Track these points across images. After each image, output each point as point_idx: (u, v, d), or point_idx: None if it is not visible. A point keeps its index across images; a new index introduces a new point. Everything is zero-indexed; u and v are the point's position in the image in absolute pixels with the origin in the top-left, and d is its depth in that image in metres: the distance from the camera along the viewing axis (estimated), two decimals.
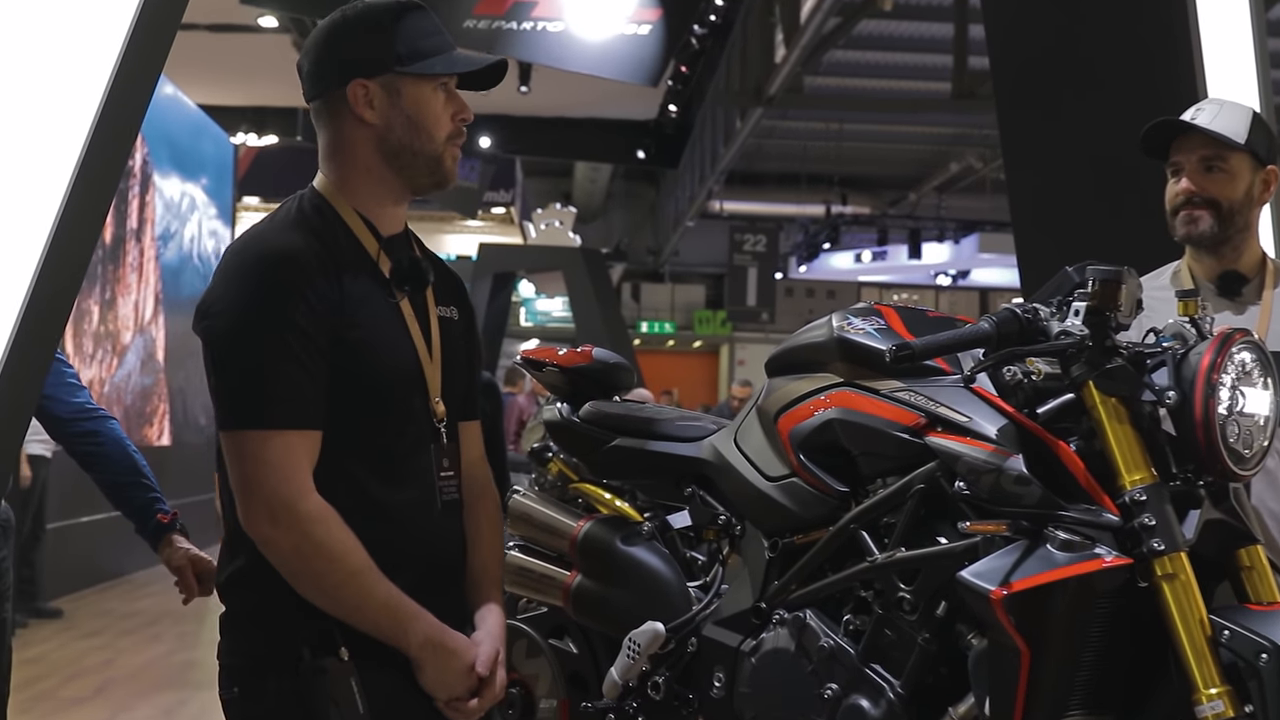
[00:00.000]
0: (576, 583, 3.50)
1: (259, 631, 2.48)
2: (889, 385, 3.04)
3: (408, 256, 2.60)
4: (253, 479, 2.40)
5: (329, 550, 2.39)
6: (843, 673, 2.97)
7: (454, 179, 2.63)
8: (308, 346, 2.41)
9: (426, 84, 2.55)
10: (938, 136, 25.72)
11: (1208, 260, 3.52)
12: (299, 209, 2.57)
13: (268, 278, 2.43)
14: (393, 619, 2.43)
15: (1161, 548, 2.66)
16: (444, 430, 2.60)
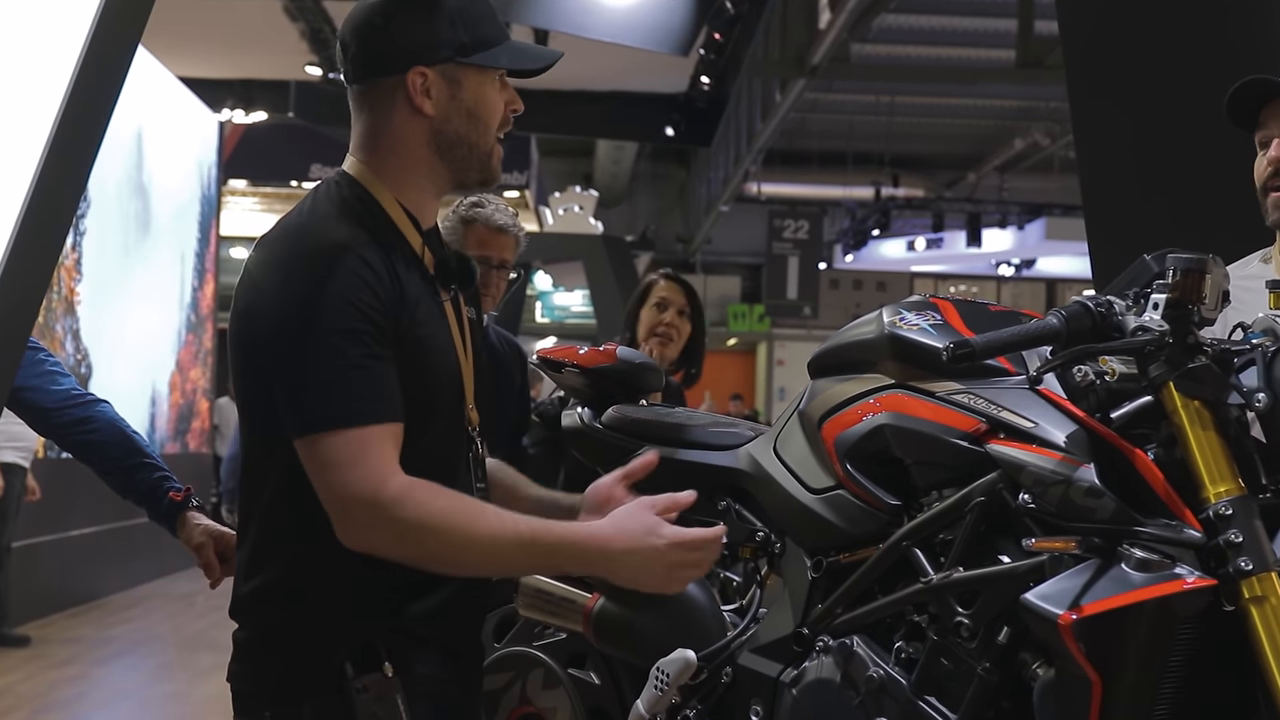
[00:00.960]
0: (599, 606, 3.50)
1: (291, 650, 2.52)
2: (946, 387, 3.04)
3: (454, 254, 2.66)
4: (346, 484, 2.40)
5: (430, 523, 2.40)
6: (894, 706, 2.97)
7: (499, 177, 2.69)
8: (378, 340, 2.44)
9: (488, 75, 2.61)
10: (1000, 110, 25.68)
11: None
12: (340, 198, 2.59)
13: (332, 270, 2.44)
14: (563, 544, 2.50)
15: (1250, 567, 2.64)
16: (477, 439, 2.67)
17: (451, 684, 2.59)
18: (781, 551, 3.35)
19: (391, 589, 2.51)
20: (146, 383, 15.73)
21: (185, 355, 17.14)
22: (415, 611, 2.54)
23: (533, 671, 3.68)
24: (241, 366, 2.51)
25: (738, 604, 3.42)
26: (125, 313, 14.93)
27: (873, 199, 29.67)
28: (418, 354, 2.50)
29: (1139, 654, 2.65)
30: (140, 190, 15.34)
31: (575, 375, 3.78)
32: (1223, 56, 4.66)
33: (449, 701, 2.57)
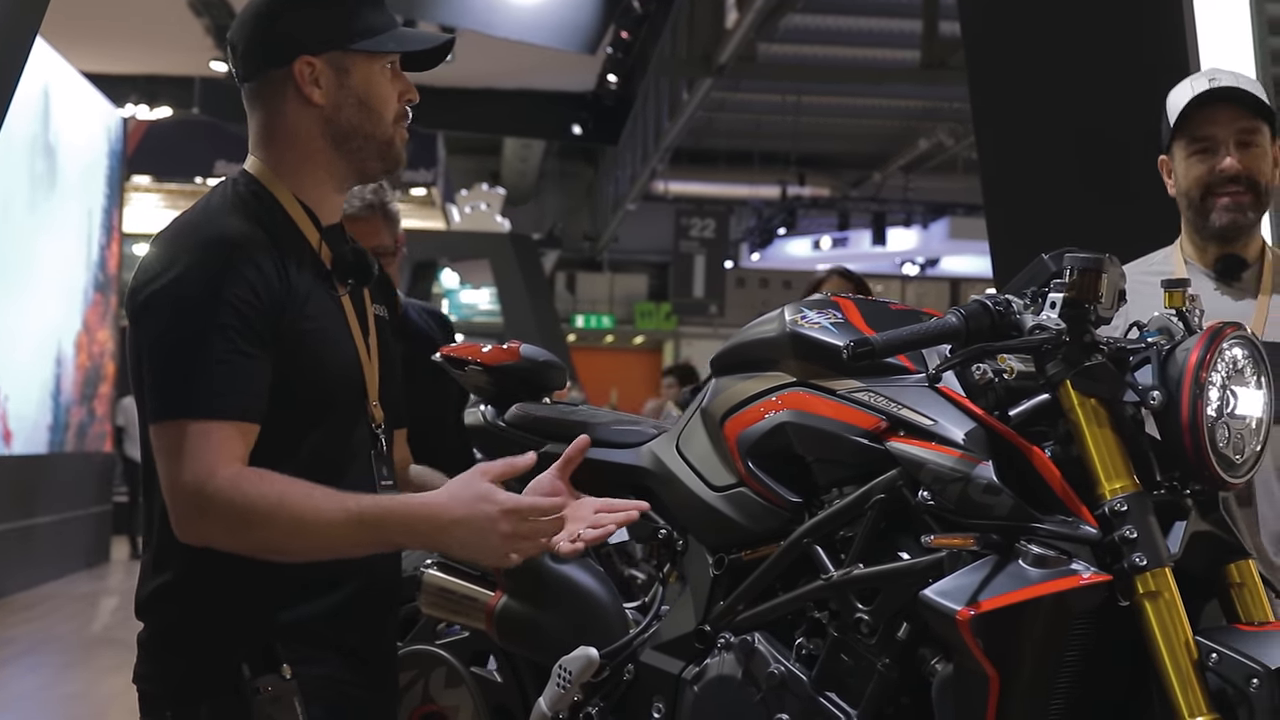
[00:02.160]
0: (501, 604, 3.50)
1: (191, 650, 2.50)
2: (847, 385, 3.05)
3: (351, 248, 2.64)
4: (180, 472, 2.39)
5: (256, 510, 2.38)
6: (794, 702, 2.97)
7: (403, 163, 2.68)
8: (249, 336, 2.44)
9: (376, 62, 2.60)
10: (905, 110, 25.83)
11: (1215, 246, 3.55)
12: (235, 195, 2.59)
13: (208, 263, 2.45)
14: (386, 518, 2.43)
15: (1144, 563, 2.67)
16: (382, 437, 2.65)
17: (355, 685, 2.57)
18: (684, 549, 3.35)
19: (290, 589, 2.50)
20: (51, 343, 15.47)
21: (93, 316, 16.81)
22: (314, 611, 2.53)
23: (435, 670, 3.67)
24: (132, 362, 2.50)
25: (640, 601, 3.42)
26: (28, 271, 14.66)
27: (779, 198, 29.76)
28: (306, 349, 2.49)
29: (1035, 649, 2.68)
30: (47, 149, 15.11)
31: (478, 373, 3.76)
32: (1126, 61, 4.71)
33: (352, 703, 2.55)
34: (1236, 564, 2.86)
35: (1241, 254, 3.54)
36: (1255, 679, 2.58)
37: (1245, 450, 2.82)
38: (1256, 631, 2.73)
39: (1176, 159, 3.56)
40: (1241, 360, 2.83)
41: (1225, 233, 3.53)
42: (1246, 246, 3.56)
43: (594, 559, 3.50)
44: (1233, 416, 2.80)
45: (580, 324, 35.34)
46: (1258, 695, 2.58)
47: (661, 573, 3.41)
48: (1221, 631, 2.73)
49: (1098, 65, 4.85)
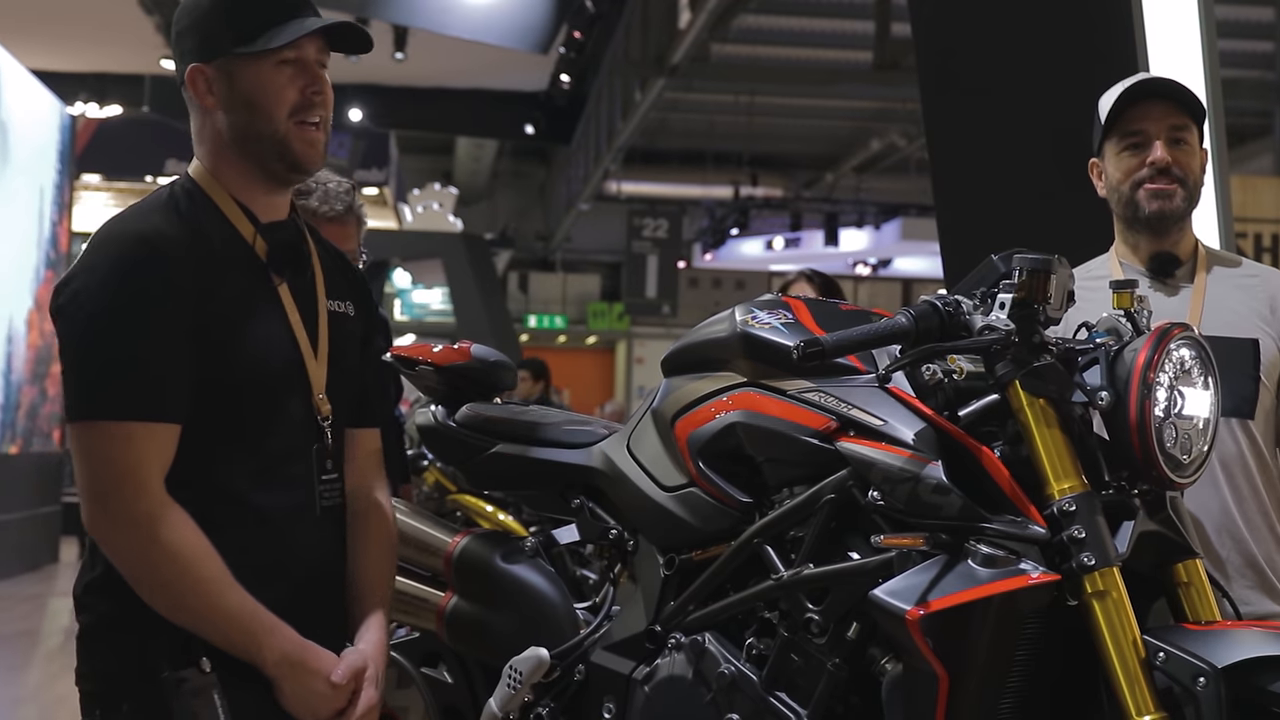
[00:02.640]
0: (452, 605, 3.50)
1: (115, 646, 2.51)
2: (797, 385, 3.05)
3: (287, 241, 2.64)
4: (97, 475, 2.43)
5: (176, 555, 2.42)
6: (745, 702, 2.98)
7: (311, 162, 2.65)
8: (166, 334, 2.45)
9: (265, 61, 2.58)
10: (858, 111, 25.86)
11: (1147, 243, 3.57)
12: (170, 194, 2.61)
13: (127, 260, 2.47)
14: (245, 632, 2.45)
15: (1092, 562, 2.69)
16: (329, 430, 2.64)
17: None
18: (634, 549, 3.35)
19: None
20: (2, 320, 15.33)
21: (44, 293, 16.63)
22: None
23: (386, 671, 3.66)
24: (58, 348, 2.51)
25: (591, 602, 3.43)
26: None
27: (732, 198, 29.77)
28: (228, 345, 2.49)
29: (985, 648, 2.69)
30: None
31: (429, 373, 3.75)
32: (1076, 63, 4.72)
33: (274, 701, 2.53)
34: (1184, 563, 2.88)
35: (1173, 251, 3.56)
36: (1202, 678, 2.60)
37: (1192, 450, 2.84)
38: (1203, 630, 2.75)
39: (1108, 157, 3.58)
40: (1189, 360, 2.85)
41: (1153, 221, 3.54)
42: (1178, 243, 3.58)
43: (545, 559, 3.50)
44: (1180, 417, 2.81)
45: (533, 324, 35.30)
46: (1204, 694, 2.59)
47: (612, 573, 3.41)
48: (1169, 630, 2.74)
49: (1048, 67, 4.86)
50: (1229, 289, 3.55)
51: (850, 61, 21.55)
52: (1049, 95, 4.40)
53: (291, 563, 2.55)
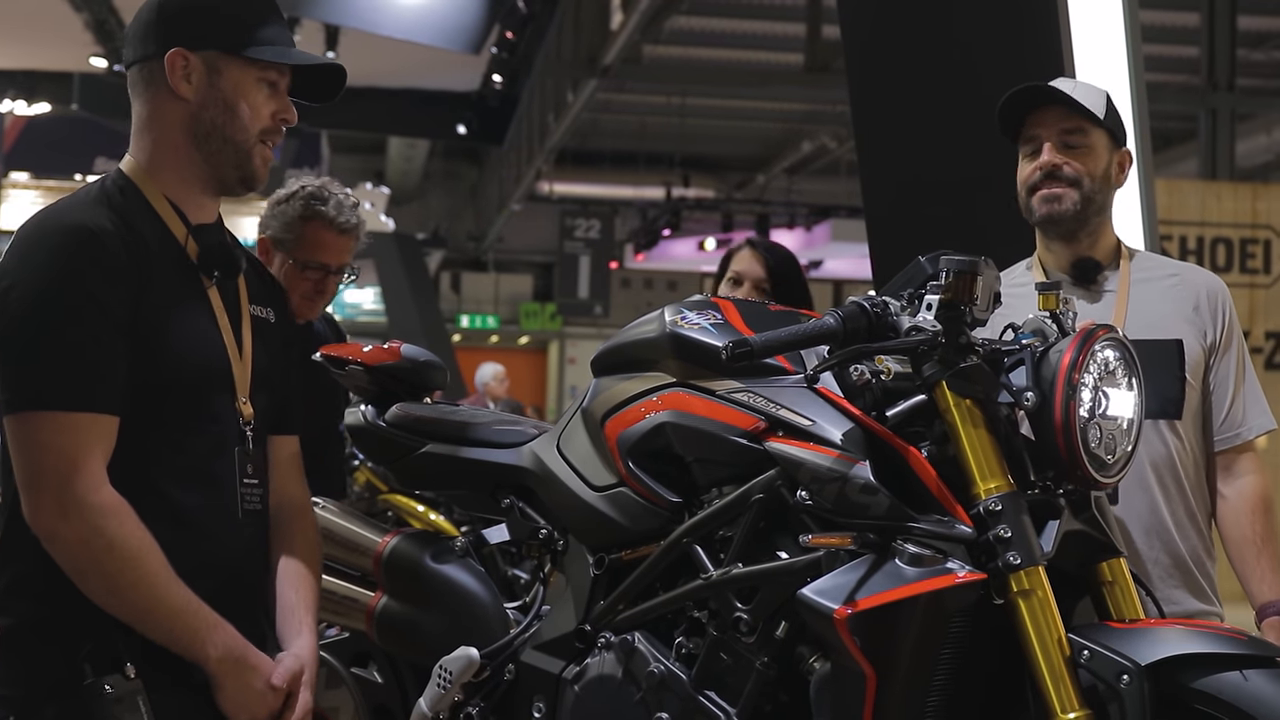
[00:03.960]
0: (381, 604, 3.49)
1: (37, 651, 2.47)
2: (725, 386, 3.06)
3: (218, 242, 2.63)
4: (40, 466, 2.41)
5: (122, 548, 2.40)
6: (674, 701, 2.98)
7: (261, 180, 2.66)
8: (104, 325, 2.44)
9: (251, 71, 2.59)
10: (789, 113, 25.90)
11: (1061, 247, 3.59)
12: (101, 189, 2.59)
13: (62, 252, 2.45)
14: (189, 628, 2.44)
15: (1018, 561, 2.71)
16: (250, 434, 2.62)
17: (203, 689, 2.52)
18: (564, 549, 3.35)
19: None
20: None
21: None
22: None
23: None
24: None
25: (521, 601, 3.43)
26: None
27: (664, 199, 29.76)
28: (157, 341, 2.48)
29: (912, 647, 2.70)
30: None
31: (359, 373, 3.74)
32: (1003, 67, 4.75)
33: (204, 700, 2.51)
34: (1108, 562, 2.91)
35: (1092, 255, 3.58)
36: (1126, 675, 2.62)
37: (1117, 450, 2.87)
38: (1128, 629, 2.77)
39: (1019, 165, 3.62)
40: (1113, 362, 2.87)
41: (1045, 225, 3.57)
42: (1094, 246, 3.59)
43: (475, 559, 3.50)
44: (1105, 417, 2.84)
45: (465, 324, 35.21)
46: (1128, 691, 2.61)
47: (542, 573, 3.41)
48: (1093, 629, 2.76)
49: (975, 71, 4.88)
50: (1152, 290, 3.57)
51: (781, 64, 21.59)
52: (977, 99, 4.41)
53: (213, 563, 2.54)
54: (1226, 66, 17.66)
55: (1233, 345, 3.59)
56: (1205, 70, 17.73)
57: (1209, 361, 3.56)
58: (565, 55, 20.43)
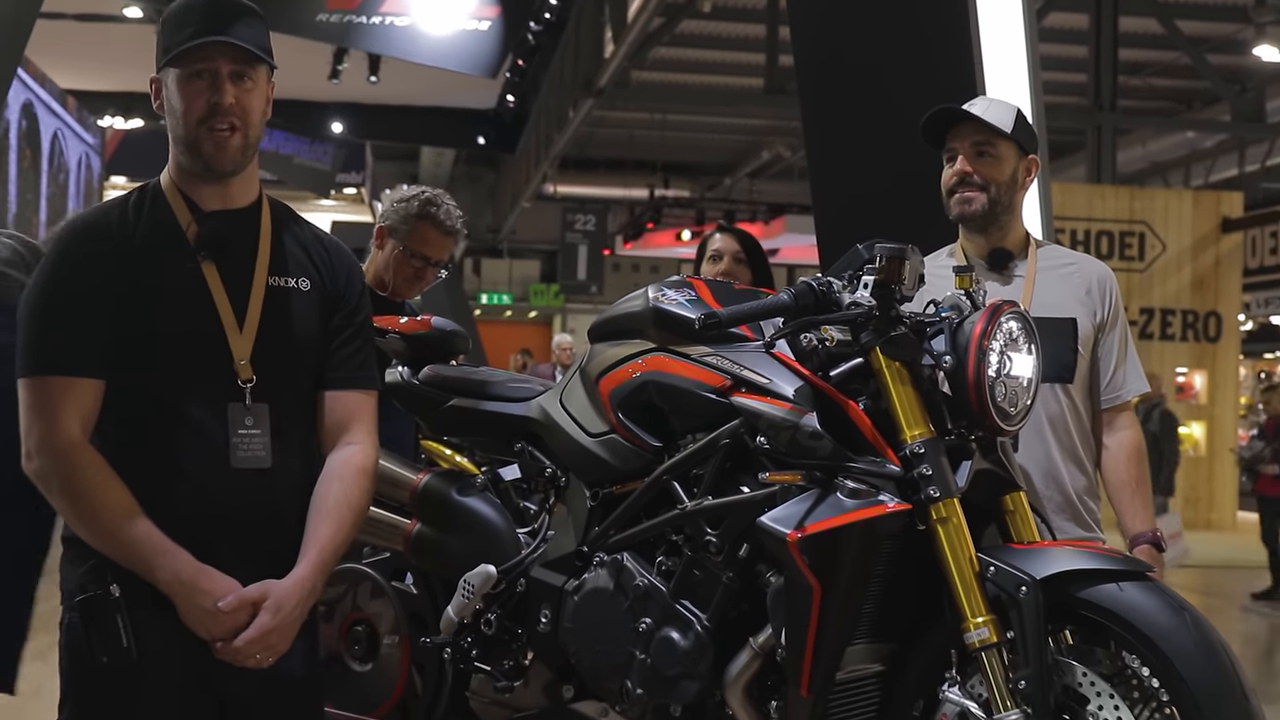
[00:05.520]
0: (416, 530, 3.49)
1: (67, 565, 2.48)
2: (698, 350, 3.07)
3: (214, 229, 2.54)
4: (24, 420, 2.41)
5: (84, 484, 2.38)
6: (656, 608, 3.00)
7: (220, 162, 2.53)
8: (81, 309, 2.41)
9: (180, 73, 2.51)
10: (751, 128, 25.85)
11: (978, 239, 3.59)
12: (131, 192, 2.57)
13: (56, 254, 2.46)
14: (141, 555, 2.38)
15: (937, 494, 2.73)
16: (249, 392, 2.50)
17: None
18: (566, 485, 3.35)
19: None
20: None
21: None
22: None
23: (362, 584, 3.65)
24: None
25: (531, 527, 3.42)
26: None
27: (648, 198, 29.71)
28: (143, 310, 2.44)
29: (850, 564, 2.71)
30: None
31: (396, 340, 3.74)
32: (926, 90, 4.74)
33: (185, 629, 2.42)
34: (1010, 495, 2.92)
35: (1004, 246, 3.58)
36: (1024, 587, 2.64)
37: (1018, 404, 2.88)
38: (1026, 549, 2.79)
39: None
40: (1016, 331, 2.88)
41: (959, 221, 3.56)
42: (1005, 238, 3.58)
43: (493, 493, 3.50)
44: (1009, 377, 2.85)
45: (484, 301, 35.06)
46: (1026, 600, 2.63)
47: (548, 504, 3.41)
48: (998, 549, 2.77)
49: (905, 94, 4.88)
50: (1054, 276, 3.57)
51: (745, 87, 21.53)
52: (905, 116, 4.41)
53: (200, 503, 2.44)
54: (1109, 91, 17.66)
55: (1118, 324, 3.59)
56: (1092, 94, 17.73)
57: (1097, 337, 3.56)
58: (566, 79, 20.36)
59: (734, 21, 19.41)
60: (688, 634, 2.93)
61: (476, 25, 16.11)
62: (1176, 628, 2.56)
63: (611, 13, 17.26)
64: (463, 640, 3.39)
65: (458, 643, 3.40)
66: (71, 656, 2.44)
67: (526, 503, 3.48)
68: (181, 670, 2.42)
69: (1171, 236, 17.47)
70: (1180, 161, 25.32)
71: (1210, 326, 17.63)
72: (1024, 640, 2.63)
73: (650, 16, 16.09)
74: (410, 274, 4.30)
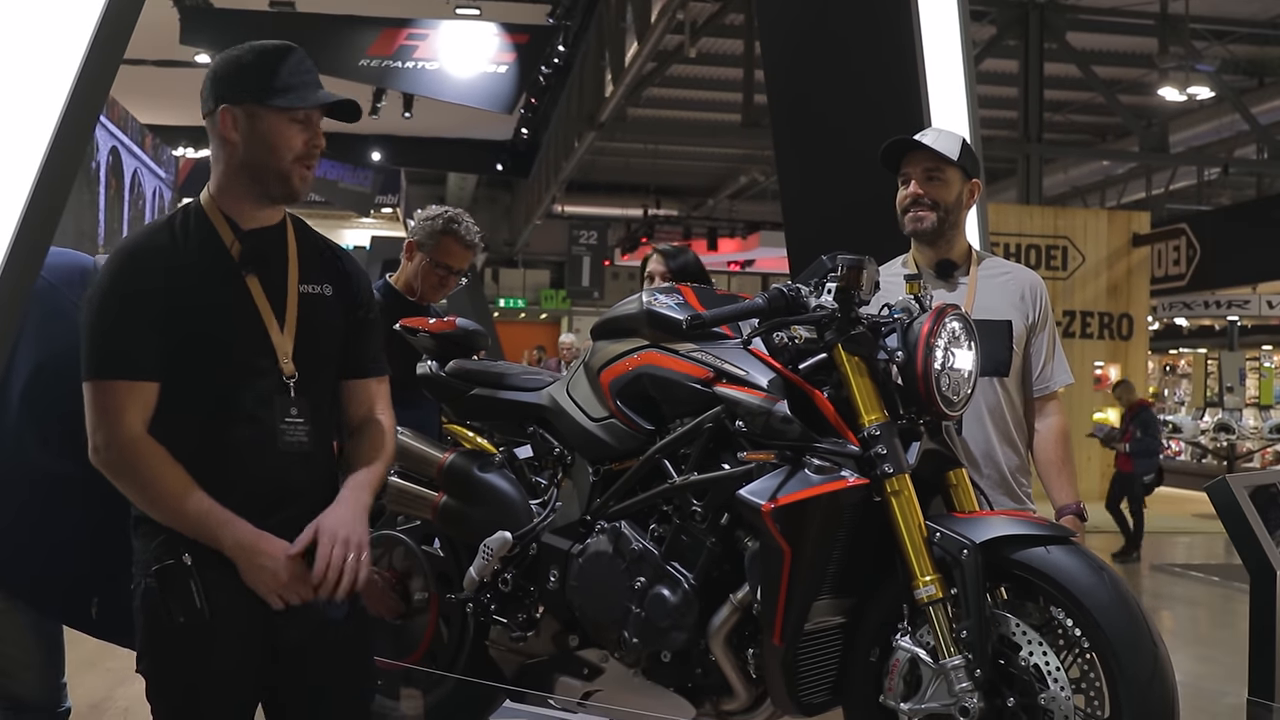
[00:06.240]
0: (443, 502, 3.48)
1: (137, 538, 2.45)
2: (686, 347, 3.05)
3: (257, 244, 2.51)
4: (90, 419, 2.38)
5: (149, 471, 2.36)
6: (649, 569, 2.98)
7: (302, 194, 2.53)
8: (137, 316, 2.38)
9: (284, 114, 2.47)
10: (730, 156, 25.87)
11: (928, 251, 3.57)
12: (175, 213, 2.53)
13: (113, 265, 2.42)
14: (205, 526, 2.36)
15: (891, 470, 2.72)
16: (292, 385, 2.48)
17: None
18: (572, 462, 3.34)
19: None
20: None
21: None
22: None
23: (396, 548, 3.64)
24: None
25: (541, 499, 3.40)
26: None
27: (642, 216, 29.73)
28: (195, 321, 2.41)
29: (817, 531, 2.70)
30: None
31: (426, 339, 3.72)
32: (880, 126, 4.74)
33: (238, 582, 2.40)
34: (954, 471, 2.91)
35: (950, 257, 3.57)
36: (965, 549, 2.63)
37: (960, 393, 2.87)
38: (967, 517, 2.78)
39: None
40: (958, 331, 2.87)
41: (912, 236, 3.55)
42: (950, 251, 3.56)
43: (509, 469, 3.48)
44: (952, 369, 2.84)
45: (502, 304, 35.06)
46: (967, 561, 2.63)
47: (556, 479, 3.39)
48: (943, 518, 2.76)
49: (861, 126, 4.88)
50: (992, 284, 3.56)
51: (725, 121, 21.56)
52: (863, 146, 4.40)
53: (253, 479, 2.44)
54: (1036, 125, 17.66)
55: (1047, 325, 3.59)
56: (1022, 128, 17.73)
57: (1029, 336, 3.55)
58: (572, 114, 20.36)
59: (715, 66, 19.44)
60: (676, 591, 2.92)
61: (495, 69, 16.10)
62: (1096, 585, 2.56)
63: (611, 58, 17.28)
64: (483, 597, 3.38)
65: (479, 599, 3.38)
66: (150, 618, 2.41)
67: (538, 478, 3.47)
68: (245, 622, 2.41)
69: (1090, 249, 17.47)
70: (1097, 185, 25.37)
71: (1123, 326, 17.63)
72: (965, 596, 2.62)
73: (644, 61, 16.15)
74: (435, 281, 4.35)
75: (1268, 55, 18.37)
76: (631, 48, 16.15)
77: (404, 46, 15.83)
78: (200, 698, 2.40)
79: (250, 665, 2.44)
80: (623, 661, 3.07)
